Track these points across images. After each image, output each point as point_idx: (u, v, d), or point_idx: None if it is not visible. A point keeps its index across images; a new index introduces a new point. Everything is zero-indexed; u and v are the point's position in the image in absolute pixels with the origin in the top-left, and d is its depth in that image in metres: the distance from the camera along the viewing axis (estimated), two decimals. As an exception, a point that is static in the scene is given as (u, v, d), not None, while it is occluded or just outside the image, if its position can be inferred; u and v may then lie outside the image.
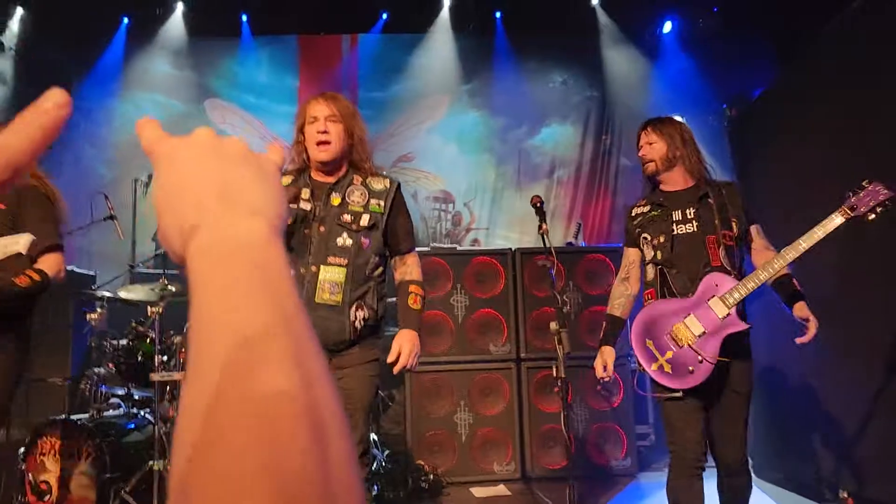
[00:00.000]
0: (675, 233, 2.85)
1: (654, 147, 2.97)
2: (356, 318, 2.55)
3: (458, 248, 5.96)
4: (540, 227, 2.86)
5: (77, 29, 7.33)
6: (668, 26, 7.54)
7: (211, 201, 0.45)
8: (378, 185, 2.72)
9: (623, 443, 4.95)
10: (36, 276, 2.58)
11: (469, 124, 7.92)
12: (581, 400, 4.94)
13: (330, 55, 8.01)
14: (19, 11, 7.21)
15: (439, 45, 7.79)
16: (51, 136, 0.45)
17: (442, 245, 5.91)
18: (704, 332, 2.70)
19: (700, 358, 2.70)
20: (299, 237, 2.60)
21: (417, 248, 2.86)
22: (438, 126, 7.91)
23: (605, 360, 2.97)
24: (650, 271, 2.93)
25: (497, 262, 5.05)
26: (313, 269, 2.56)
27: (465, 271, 5.01)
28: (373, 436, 4.80)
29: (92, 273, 5.60)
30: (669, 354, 2.75)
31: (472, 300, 4.99)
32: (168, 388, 4.24)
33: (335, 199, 2.65)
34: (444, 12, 7.67)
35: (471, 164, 7.87)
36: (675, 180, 2.95)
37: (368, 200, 2.68)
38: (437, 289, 4.96)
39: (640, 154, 3.04)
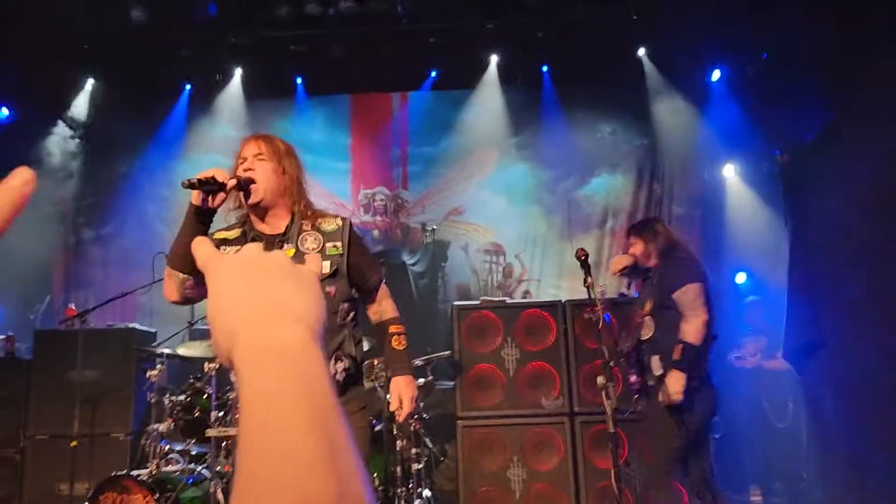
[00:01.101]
0: None
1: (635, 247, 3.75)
2: (336, 370, 2.43)
3: (508, 300, 5.95)
4: (585, 281, 2.86)
5: (142, 96, 7.72)
6: (716, 74, 7.52)
7: (258, 310, 0.50)
8: (329, 225, 2.55)
9: (684, 502, 4.79)
10: None
11: (518, 176, 7.99)
12: (640, 456, 4.81)
13: (381, 112, 8.23)
14: (90, 81, 7.64)
15: (487, 100, 7.92)
16: (18, 210, 0.50)
17: (491, 298, 5.91)
18: None
19: None
20: None
21: (469, 302, 2.85)
22: (488, 179, 8.00)
23: None
24: None
25: (547, 315, 5.02)
26: None
27: (515, 324, 5.00)
28: (426, 492, 4.76)
29: (153, 330, 5.77)
30: None
31: (522, 353, 4.96)
32: (223, 443, 4.31)
33: (289, 251, 2.44)
34: (492, 68, 7.82)
35: (520, 215, 7.90)
36: None
37: (324, 245, 2.50)
38: (487, 343, 4.96)
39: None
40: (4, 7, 6.25)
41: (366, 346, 3.84)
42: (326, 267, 2.44)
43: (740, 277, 7.09)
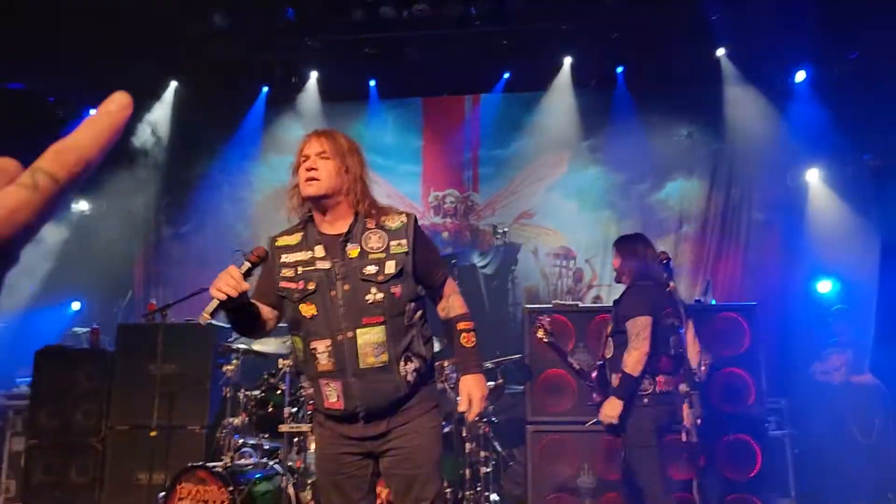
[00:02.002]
0: None
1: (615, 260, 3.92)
2: (406, 371, 2.37)
3: (580, 304, 5.85)
4: (667, 285, 2.76)
5: (221, 99, 7.95)
6: (801, 75, 7.24)
7: None
8: (394, 223, 2.47)
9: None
10: None
11: (590, 180, 7.86)
12: (714, 468, 4.65)
13: (453, 115, 8.24)
14: (173, 83, 7.91)
15: (559, 102, 7.83)
16: (116, 134, 0.50)
17: (564, 302, 5.82)
18: None
19: None
20: (324, 300, 2.37)
21: (538, 306, 2.79)
22: (559, 182, 7.91)
23: None
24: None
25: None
26: (349, 334, 2.33)
27: (587, 328, 4.91)
28: (494, 496, 4.72)
29: (229, 326, 5.91)
30: None
31: (594, 358, 4.86)
32: (295, 439, 4.37)
33: (353, 251, 2.40)
34: (565, 69, 7.73)
35: (592, 220, 7.78)
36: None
37: (388, 243, 2.42)
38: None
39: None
40: (90, 15, 6.53)
41: (436, 346, 3.83)
42: (392, 267, 2.38)
43: (824, 286, 6.79)
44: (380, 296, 2.34)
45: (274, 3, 6.91)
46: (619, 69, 7.65)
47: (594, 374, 3.90)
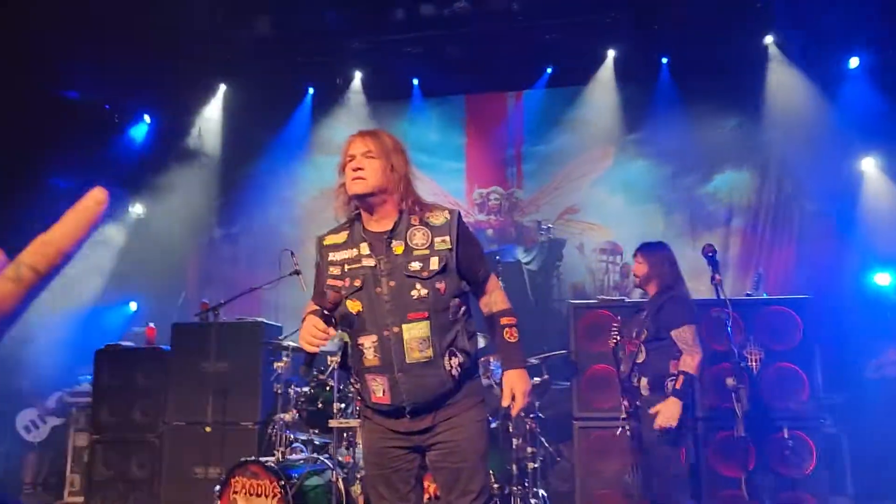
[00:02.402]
0: None
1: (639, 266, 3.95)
2: (451, 366, 2.40)
3: (627, 300, 5.80)
4: (713, 278, 2.74)
5: (268, 101, 8.11)
6: (854, 62, 7.03)
7: None
8: (438, 219, 2.50)
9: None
10: None
11: (636, 174, 7.78)
12: (766, 464, 4.57)
13: (495, 112, 8.24)
14: (222, 87, 8.09)
15: (603, 96, 7.76)
16: (93, 228, 0.53)
17: (610, 297, 5.79)
18: None
19: None
20: (370, 296, 2.41)
21: (585, 301, 2.79)
22: (604, 177, 7.84)
23: None
24: None
25: (669, 315, 4.85)
26: (395, 329, 2.38)
27: (633, 323, 4.86)
28: (541, 492, 4.72)
29: (279, 324, 6.03)
30: None
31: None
32: (345, 434, 4.45)
33: (398, 248, 2.44)
34: (609, 62, 7.65)
35: (639, 214, 7.69)
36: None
37: (432, 240, 2.46)
38: (604, 342, 4.85)
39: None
40: (140, 25, 6.72)
41: (481, 342, 3.85)
42: (436, 263, 2.41)
43: (883, 279, 6.58)
44: (424, 291, 2.38)
45: (317, 6, 7.01)
46: (664, 60, 7.55)
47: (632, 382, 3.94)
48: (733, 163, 7.56)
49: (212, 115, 8.23)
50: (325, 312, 2.33)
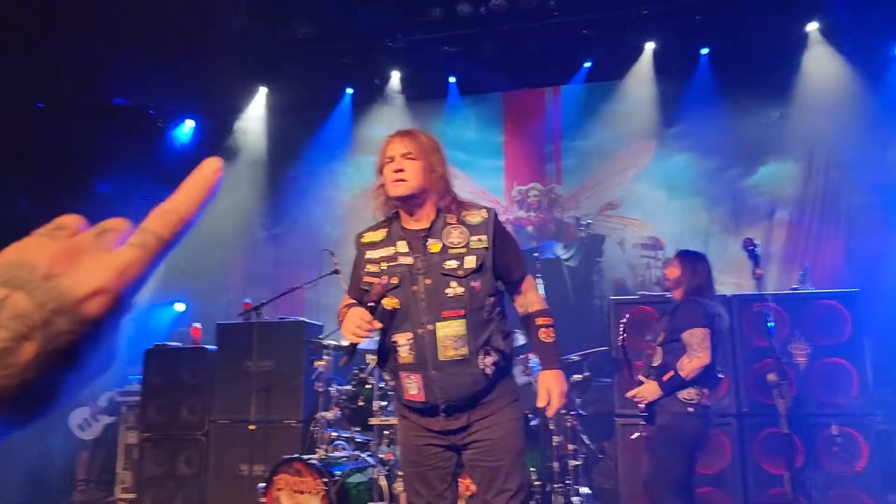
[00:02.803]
0: None
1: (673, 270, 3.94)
2: (485, 365, 2.41)
3: (668, 295, 5.72)
4: (754, 272, 2.69)
5: (307, 102, 8.21)
6: (902, 47, 6.81)
7: None
8: (474, 218, 2.52)
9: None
10: None
11: (677, 168, 7.66)
12: (815, 462, 4.47)
13: (533, 108, 8.20)
14: (263, 90, 8.21)
15: (642, 89, 7.66)
16: (211, 196, 0.54)
17: (651, 293, 5.71)
18: None
19: None
20: (406, 294, 2.44)
21: (624, 297, 2.77)
22: (645, 171, 7.74)
23: None
24: None
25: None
26: (429, 327, 2.39)
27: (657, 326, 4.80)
28: (583, 489, 4.69)
29: (320, 323, 6.11)
30: None
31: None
32: (385, 432, 4.49)
33: (434, 246, 2.47)
34: (647, 55, 7.55)
35: (680, 208, 7.57)
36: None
37: (469, 238, 2.48)
38: (644, 339, 4.79)
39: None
40: (181, 31, 6.87)
41: (521, 340, 3.85)
42: (472, 262, 2.43)
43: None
44: (460, 290, 2.40)
45: (354, 7, 7.07)
46: (704, 51, 7.42)
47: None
48: (777, 154, 7.39)
49: (253, 118, 8.36)
50: (370, 305, 2.37)
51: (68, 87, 6.72)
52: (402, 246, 2.50)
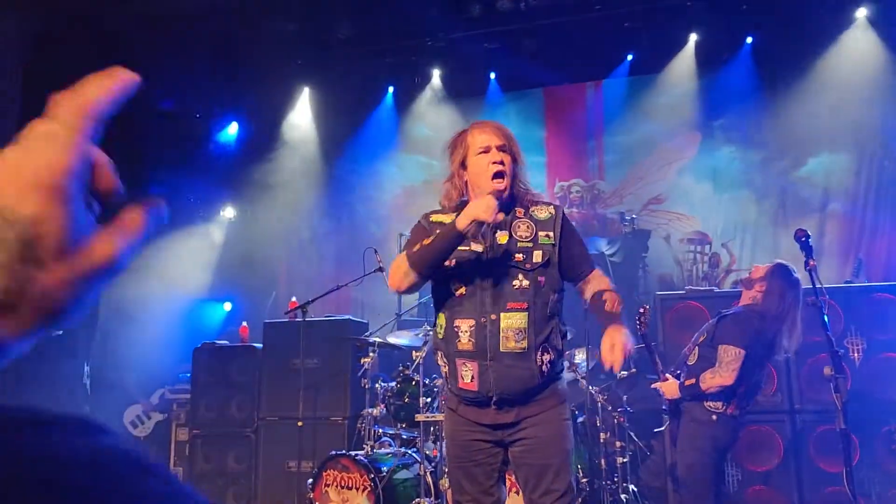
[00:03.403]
0: None
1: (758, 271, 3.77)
2: (542, 361, 2.40)
3: (716, 290, 5.62)
4: (807, 264, 2.62)
5: (350, 101, 8.27)
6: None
7: None
8: (542, 213, 2.53)
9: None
10: None
11: (724, 160, 7.51)
12: (871, 461, 4.34)
13: (575, 103, 8.13)
14: (306, 90, 8.30)
15: (686, 81, 7.53)
16: (121, 91, 0.49)
17: (699, 288, 5.62)
18: None
19: None
20: (473, 282, 2.44)
21: (673, 292, 2.72)
22: (690, 164, 7.61)
23: None
24: None
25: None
26: (493, 317, 2.39)
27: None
28: (632, 487, 4.64)
29: (365, 321, 6.16)
30: None
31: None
32: (431, 428, 4.50)
33: (502, 237, 2.46)
34: (690, 46, 7.42)
35: (728, 201, 7.43)
36: None
37: (536, 233, 2.48)
38: (691, 334, 4.72)
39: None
40: (228, 34, 6.99)
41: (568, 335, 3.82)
42: (539, 256, 2.44)
43: None
44: (525, 283, 2.40)
45: (394, 6, 7.10)
46: (749, 40, 7.25)
47: (669, 378, 3.87)
48: (828, 145, 7.19)
49: (297, 118, 8.46)
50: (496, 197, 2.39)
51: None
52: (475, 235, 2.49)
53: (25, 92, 6.03)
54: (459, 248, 2.44)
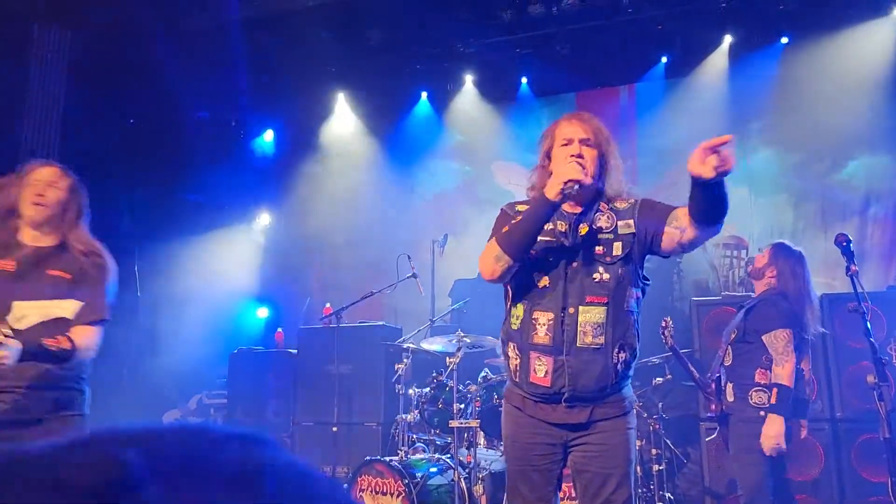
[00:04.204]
0: None
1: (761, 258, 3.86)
2: (618, 360, 2.33)
3: (753, 295, 5.53)
4: (848, 269, 2.57)
5: (384, 107, 8.33)
6: None
7: None
8: (623, 204, 2.46)
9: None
10: (64, 343, 2.50)
11: (761, 163, 7.39)
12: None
13: (608, 107, 8.07)
14: (340, 96, 8.38)
15: (721, 83, 7.43)
16: None
17: (735, 294, 5.54)
18: None
19: None
20: (556, 274, 2.39)
21: (708, 298, 2.67)
22: (725, 168, 7.50)
23: None
24: None
25: (801, 311, 4.60)
26: (571, 311, 2.34)
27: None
28: (668, 495, 4.59)
29: (398, 327, 6.19)
30: None
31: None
32: (465, 434, 4.50)
33: (583, 229, 2.42)
34: (724, 48, 7.33)
35: (764, 205, 7.31)
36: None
37: (616, 223, 2.42)
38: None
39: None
40: (263, 42, 7.09)
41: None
42: (619, 248, 2.38)
43: None
44: (606, 276, 2.36)
45: (427, 12, 7.14)
46: (784, 40, 7.13)
47: (713, 385, 3.81)
48: (869, 147, 7.03)
49: (331, 125, 8.54)
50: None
51: (161, 102, 7.03)
52: (561, 225, 2.45)
53: (68, 95, 6.19)
54: (545, 238, 2.40)
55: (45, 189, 2.62)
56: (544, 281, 2.38)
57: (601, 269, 2.36)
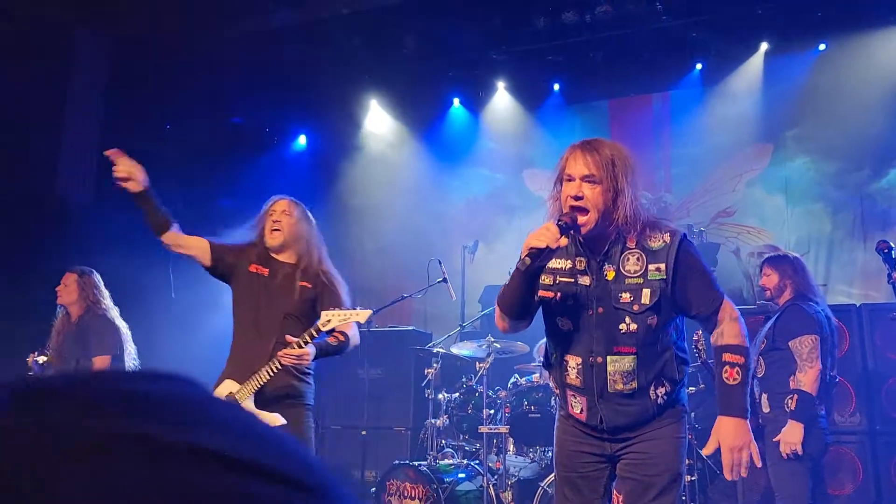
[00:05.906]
0: None
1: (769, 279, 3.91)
2: (657, 396, 2.25)
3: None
4: (890, 276, 2.51)
5: (415, 113, 8.38)
6: None
7: None
8: (656, 242, 2.24)
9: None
10: (342, 338, 3.43)
11: (797, 172, 7.28)
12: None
13: (641, 114, 8.02)
14: (372, 102, 8.43)
15: (756, 90, 7.34)
16: None
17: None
18: None
19: None
20: (579, 319, 2.28)
21: (743, 307, 2.57)
22: (761, 176, 7.40)
23: None
24: None
25: (838, 321, 4.50)
26: (599, 360, 2.23)
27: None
28: (700, 506, 4.52)
29: (428, 332, 6.19)
30: None
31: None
32: (495, 440, 4.48)
33: (609, 273, 2.25)
34: (760, 54, 7.23)
35: (801, 214, 7.19)
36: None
37: (646, 267, 2.22)
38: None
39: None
40: (295, 49, 7.18)
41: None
42: (648, 296, 2.21)
43: None
44: (633, 326, 2.21)
45: (460, 19, 7.16)
46: (822, 47, 7.02)
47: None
48: (910, 155, 6.89)
49: (364, 131, 8.60)
50: (563, 223, 2.18)
51: (195, 108, 7.15)
52: (582, 263, 2.30)
53: (106, 100, 6.33)
54: (564, 278, 2.30)
55: (280, 217, 3.36)
56: (568, 325, 2.30)
57: (628, 318, 2.21)
